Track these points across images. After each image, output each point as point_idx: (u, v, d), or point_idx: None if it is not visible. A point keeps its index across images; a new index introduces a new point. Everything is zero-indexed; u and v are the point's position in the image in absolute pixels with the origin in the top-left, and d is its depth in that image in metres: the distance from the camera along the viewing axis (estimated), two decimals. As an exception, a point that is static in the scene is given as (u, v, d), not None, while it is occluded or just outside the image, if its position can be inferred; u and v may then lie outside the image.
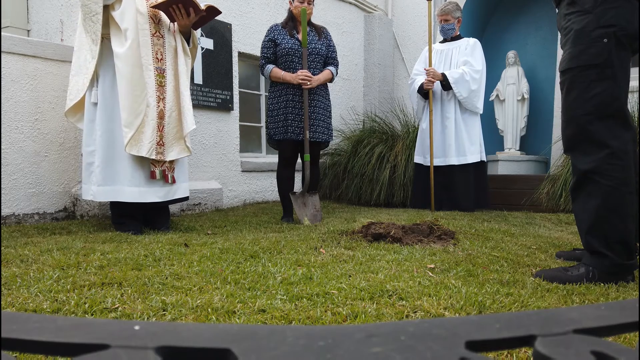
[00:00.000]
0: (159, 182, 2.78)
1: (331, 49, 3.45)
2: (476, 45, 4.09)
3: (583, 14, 1.73)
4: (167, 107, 2.74)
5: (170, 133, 2.76)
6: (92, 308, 1.31)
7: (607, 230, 1.72)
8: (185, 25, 2.76)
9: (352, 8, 5.87)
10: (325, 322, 1.23)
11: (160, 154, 2.71)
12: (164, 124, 2.73)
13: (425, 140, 4.21)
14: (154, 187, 2.76)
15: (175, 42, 2.81)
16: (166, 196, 2.82)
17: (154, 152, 2.68)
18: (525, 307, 1.40)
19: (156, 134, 2.68)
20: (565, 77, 1.80)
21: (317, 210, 3.39)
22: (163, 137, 2.73)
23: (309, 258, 1.97)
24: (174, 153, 2.79)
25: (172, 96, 2.77)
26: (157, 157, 2.69)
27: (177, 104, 2.80)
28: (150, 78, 2.65)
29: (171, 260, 1.92)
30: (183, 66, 2.82)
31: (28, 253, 2.00)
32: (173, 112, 2.78)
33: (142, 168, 2.71)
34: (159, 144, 2.71)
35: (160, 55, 2.71)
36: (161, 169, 2.76)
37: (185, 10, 2.69)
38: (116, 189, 2.68)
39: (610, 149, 1.69)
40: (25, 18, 3.88)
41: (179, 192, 2.89)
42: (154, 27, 2.70)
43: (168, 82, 2.75)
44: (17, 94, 3.02)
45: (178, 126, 2.80)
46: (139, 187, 2.70)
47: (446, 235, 2.54)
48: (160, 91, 2.69)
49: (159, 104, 2.69)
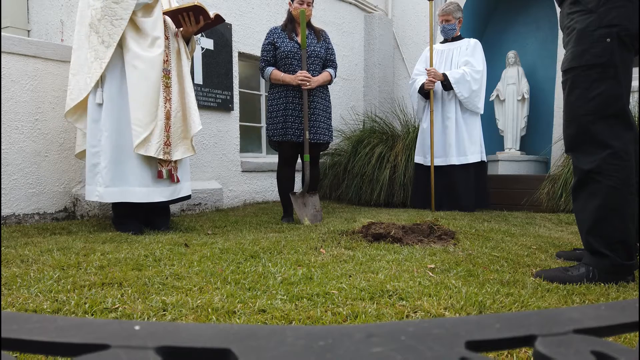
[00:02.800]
0: (165, 182, 2.81)
1: (330, 52, 3.45)
2: (477, 45, 4.10)
3: (586, 13, 1.73)
4: (173, 108, 2.79)
5: (176, 133, 2.81)
6: (92, 308, 1.31)
7: (607, 230, 1.72)
8: (192, 32, 2.83)
9: (352, 8, 5.87)
10: (326, 322, 1.23)
11: (167, 153, 2.75)
12: (170, 124, 2.77)
13: (425, 140, 4.21)
14: (160, 186, 2.79)
15: (178, 44, 2.86)
16: (172, 195, 2.86)
17: (162, 152, 2.71)
18: (526, 307, 1.40)
19: (164, 134, 2.72)
20: (568, 77, 1.79)
21: (317, 210, 3.39)
22: (169, 137, 2.77)
23: (309, 258, 1.97)
24: (179, 153, 2.83)
25: (177, 97, 2.81)
26: (165, 156, 2.73)
27: (182, 105, 2.85)
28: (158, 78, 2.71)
29: (171, 260, 1.92)
30: (186, 67, 2.88)
31: (28, 253, 2.00)
32: (178, 113, 2.83)
33: (150, 168, 2.74)
34: (166, 144, 2.75)
35: (166, 57, 2.74)
36: (167, 169, 2.80)
37: (195, 18, 2.76)
38: (125, 190, 2.69)
39: (612, 149, 1.69)
40: (25, 18, 3.88)
41: (182, 191, 2.93)
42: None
43: (173, 83, 2.79)
44: (17, 94, 3.03)
45: (183, 126, 2.85)
46: (147, 187, 2.72)
47: (446, 235, 2.54)
48: (166, 92, 2.74)
49: (165, 104, 2.73)
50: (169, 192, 2.84)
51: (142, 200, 2.71)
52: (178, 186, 2.89)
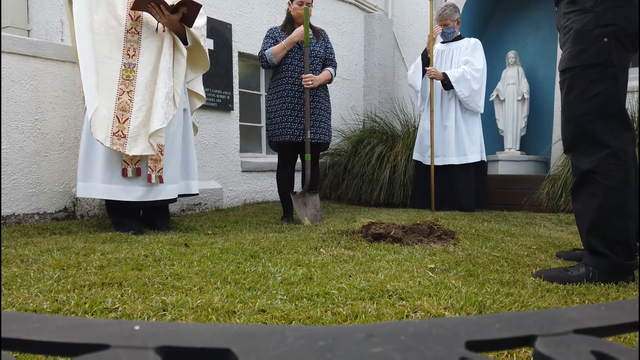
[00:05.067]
0: (136, 181, 2.70)
1: (329, 51, 3.45)
2: (477, 44, 4.10)
3: (583, 13, 1.72)
4: (135, 101, 2.66)
5: (137, 127, 2.66)
6: (92, 308, 1.31)
7: (607, 230, 1.71)
8: (167, 23, 2.71)
9: (352, 8, 5.87)
10: (326, 322, 1.23)
11: (120, 145, 2.62)
12: (129, 117, 2.65)
13: (424, 137, 4.21)
14: (130, 185, 2.69)
15: (162, 40, 2.75)
16: (144, 197, 2.72)
17: (109, 141, 2.59)
18: (526, 307, 1.40)
19: (114, 124, 2.61)
20: (565, 77, 1.79)
21: (317, 210, 3.39)
22: (124, 130, 2.63)
23: (309, 258, 1.97)
24: (138, 149, 2.66)
25: (143, 91, 2.69)
26: (115, 148, 2.61)
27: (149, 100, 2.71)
28: (114, 71, 2.64)
29: (171, 260, 1.92)
30: (165, 63, 2.73)
31: (28, 253, 2.00)
32: (143, 106, 2.69)
33: (113, 165, 2.66)
34: (117, 135, 2.61)
35: (132, 52, 2.69)
36: (134, 167, 2.69)
37: (158, 8, 2.64)
38: (89, 185, 2.67)
39: (611, 149, 1.69)
40: (25, 18, 3.88)
41: (163, 193, 2.78)
42: (130, 23, 2.69)
43: (139, 77, 2.68)
44: (17, 94, 3.02)
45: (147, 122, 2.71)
46: (109, 184, 2.65)
47: (446, 235, 2.54)
48: (125, 84, 2.65)
49: (121, 96, 2.64)
50: (140, 193, 2.70)
51: (105, 197, 2.67)
52: (157, 188, 2.75)
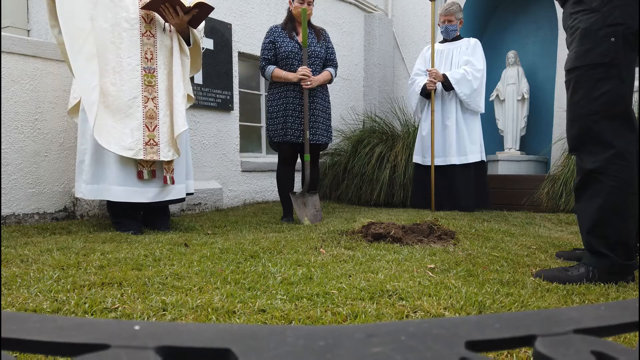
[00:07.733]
0: (150, 183, 2.71)
1: (330, 51, 3.45)
2: (477, 45, 4.10)
3: (589, 12, 1.72)
4: (160, 107, 2.68)
5: (166, 133, 2.70)
6: (92, 308, 1.31)
7: (608, 230, 1.71)
8: (178, 24, 2.71)
9: (352, 8, 5.87)
10: (325, 322, 1.23)
11: (154, 153, 2.65)
12: (157, 124, 2.67)
13: (424, 141, 4.21)
14: (144, 187, 2.69)
15: (171, 42, 2.75)
16: (156, 197, 2.74)
17: (142, 152, 2.61)
18: (525, 307, 1.40)
19: (144, 134, 2.62)
20: (571, 76, 1.78)
21: (317, 210, 3.38)
22: (155, 137, 2.66)
23: (309, 258, 1.97)
24: (170, 154, 2.72)
25: (165, 96, 2.71)
26: (149, 157, 2.62)
27: (170, 104, 2.74)
28: (136, 78, 2.61)
29: (171, 260, 1.92)
30: (178, 66, 2.75)
31: (28, 253, 2.00)
32: (167, 112, 2.71)
33: (129, 167, 2.66)
34: (149, 144, 2.64)
35: (150, 55, 2.67)
36: (150, 169, 2.70)
37: (173, 9, 2.64)
38: (103, 188, 2.65)
39: (616, 149, 1.68)
40: (25, 18, 3.88)
41: (172, 193, 2.81)
42: (144, 26, 2.66)
43: (160, 82, 2.69)
44: (17, 94, 3.02)
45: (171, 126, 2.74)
46: (125, 187, 2.65)
47: (446, 235, 2.54)
48: (149, 91, 2.64)
49: (146, 103, 2.64)
50: (153, 194, 2.72)
51: (120, 199, 2.65)
52: (168, 188, 2.78)
